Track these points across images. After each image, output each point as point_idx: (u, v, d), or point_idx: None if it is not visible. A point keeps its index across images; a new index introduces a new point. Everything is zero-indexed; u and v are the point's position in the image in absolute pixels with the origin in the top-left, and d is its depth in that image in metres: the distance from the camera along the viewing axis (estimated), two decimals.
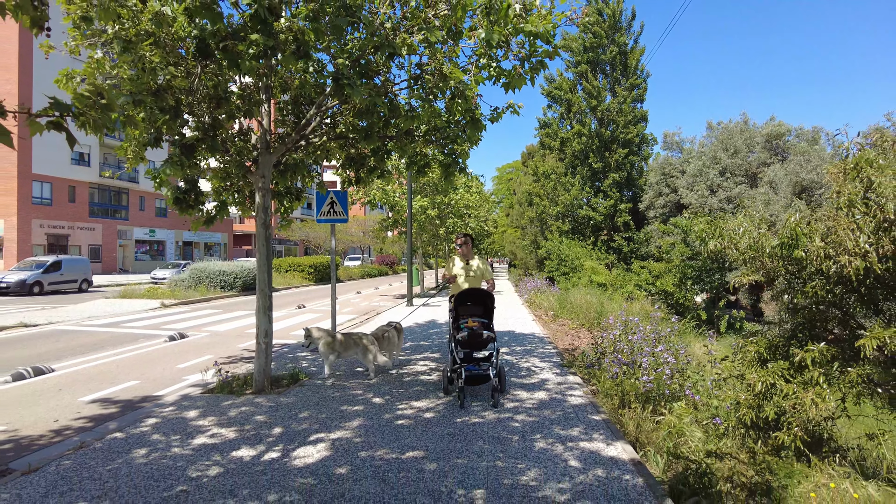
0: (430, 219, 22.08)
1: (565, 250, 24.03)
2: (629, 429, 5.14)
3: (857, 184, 3.84)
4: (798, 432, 4.26)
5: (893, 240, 3.49)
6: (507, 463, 4.24)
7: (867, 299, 4.07)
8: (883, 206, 3.53)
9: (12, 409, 6.32)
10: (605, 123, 27.15)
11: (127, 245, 47.80)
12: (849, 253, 3.60)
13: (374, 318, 14.89)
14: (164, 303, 18.40)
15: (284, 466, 4.24)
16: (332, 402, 6.18)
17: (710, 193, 20.37)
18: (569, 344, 10.59)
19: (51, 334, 12.02)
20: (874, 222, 3.58)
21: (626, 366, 6.24)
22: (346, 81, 4.76)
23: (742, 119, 22.17)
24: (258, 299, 6.85)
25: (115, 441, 4.92)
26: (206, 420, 5.51)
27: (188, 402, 6.22)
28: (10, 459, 4.75)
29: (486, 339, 6.17)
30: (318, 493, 3.73)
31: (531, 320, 14.15)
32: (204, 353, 9.87)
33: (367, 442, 4.78)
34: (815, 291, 4.31)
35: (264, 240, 6.78)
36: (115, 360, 9.21)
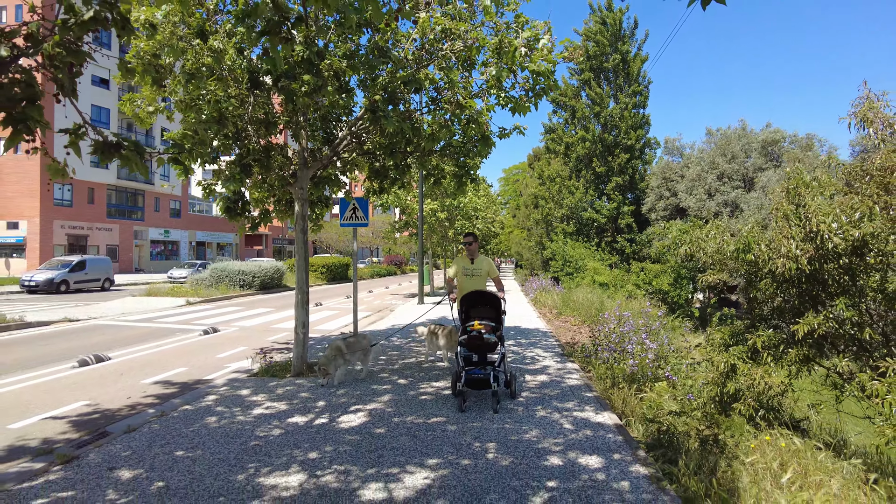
0: (439, 221, 23.10)
1: (569, 251, 25.01)
2: (616, 404, 6.11)
3: (791, 202, 4.81)
4: (752, 403, 5.24)
5: (816, 247, 4.45)
6: (513, 426, 5.23)
7: (803, 293, 5.03)
8: (809, 219, 4.49)
9: (89, 389, 7.36)
10: (609, 129, 28.10)
11: (142, 245, 49.09)
12: (784, 256, 4.57)
13: (387, 316, 15.91)
14: (189, 300, 19.50)
15: (333, 428, 5.25)
16: (364, 383, 7.19)
17: (709, 197, 21.27)
18: (570, 338, 11.55)
19: (94, 328, 13.10)
20: (803, 232, 4.54)
21: (616, 353, 7.21)
22: (382, 113, 5.76)
23: (740, 125, 23.09)
24: (297, 295, 7.87)
25: (187, 412, 5.94)
26: (259, 396, 6.53)
27: (238, 384, 7.25)
28: (103, 425, 5.78)
29: (492, 343, 5.94)
30: (364, 446, 4.74)
31: (536, 317, 15.12)
32: (237, 346, 10.90)
33: (397, 411, 5.79)
34: (766, 287, 5.28)
35: (303, 244, 7.79)
36: (161, 351, 10.25)
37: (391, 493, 3.78)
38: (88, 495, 3.83)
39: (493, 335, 5.92)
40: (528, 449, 4.60)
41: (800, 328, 4.66)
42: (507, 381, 6.24)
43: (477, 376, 5.81)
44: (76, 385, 7.57)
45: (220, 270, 23.61)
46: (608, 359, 7.22)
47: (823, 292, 4.93)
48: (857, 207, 4.48)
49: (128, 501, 3.71)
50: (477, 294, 6.27)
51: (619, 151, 27.74)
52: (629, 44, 28.26)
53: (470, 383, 5.83)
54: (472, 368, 5.92)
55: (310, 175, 7.73)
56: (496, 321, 6.11)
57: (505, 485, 3.89)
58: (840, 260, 4.62)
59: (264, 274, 24.48)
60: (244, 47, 6.52)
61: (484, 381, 5.79)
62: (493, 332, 5.94)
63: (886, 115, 5.02)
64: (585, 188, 28.41)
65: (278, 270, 26.02)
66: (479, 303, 6.23)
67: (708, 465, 4.19)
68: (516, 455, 4.46)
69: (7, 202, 38.31)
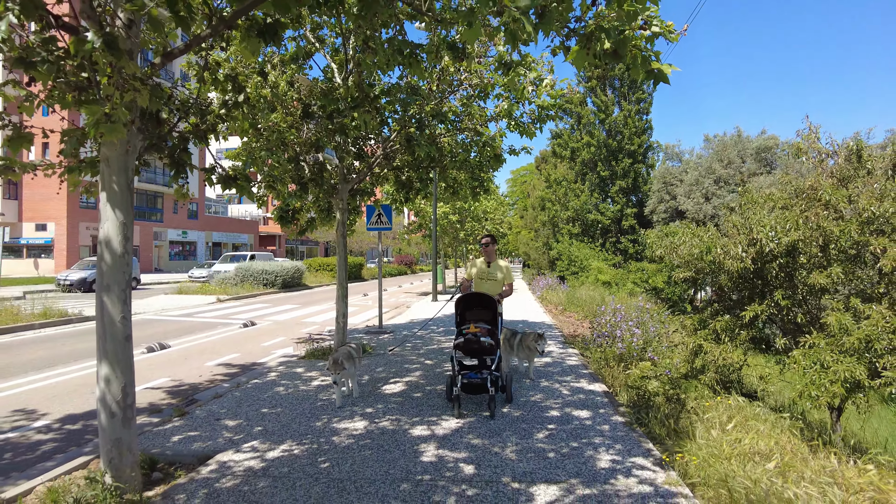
0: (451, 223, 24.49)
1: (575, 252, 26.33)
2: (607, 378, 7.44)
3: (739, 215, 6.13)
4: (714, 375, 6.57)
5: (757, 251, 5.78)
6: (521, 392, 6.58)
7: (752, 286, 6.36)
8: (752, 229, 5.82)
9: (165, 369, 8.78)
10: (613, 134, 29.37)
11: (161, 246, 50.78)
12: (732, 258, 5.90)
13: (404, 312, 17.29)
14: (219, 298, 20.97)
15: (379, 393, 6.63)
16: (397, 363, 8.57)
17: (706, 201, 22.50)
18: (573, 331, 12.88)
19: (144, 322, 14.56)
20: (747, 239, 5.87)
21: (609, 339, 8.55)
22: (416, 142, 7.14)
23: (736, 132, 24.31)
24: (338, 289, 9.23)
25: (257, 384, 7.34)
26: (312, 373, 7.92)
27: (290, 364, 8.64)
28: (192, 394, 7.18)
29: (488, 346, 5.70)
30: (407, 404, 6.11)
31: (542, 312, 16.46)
32: (276, 336, 12.30)
33: (428, 382, 7.17)
34: (724, 283, 6.61)
35: (343, 247, 9.17)
36: (211, 340, 11.67)
37: (433, 432, 5.14)
38: (210, 433, 5.22)
39: (489, 338, 5.73)
40: (534, 406, 5.96)
41: (747, 314, 6.00)
42: (504, 385, 6.09)
43: (473, 381, 5.60)
44: (153, 366, 8.99)
45: (244, 270, 25.09)
46: (602, 343, 8.56)
47: (766, 286, 6.25)
48: (788, 219, 5.80)
49: (241, 437, 5.10)
50: (472, 296, 6.14)
51: (623, 156, 29.01)
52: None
53: (466, 388, 5.63)
54: (467, 372, 5.68)
55: (348, 188, 9.11)
56: (492, 323, 5.95)
57: (517, 427, 5.26)
58: (777, 260, 5.95)
59: (286, 273, 25.94)
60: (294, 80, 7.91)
61: (480, 386, 5.60)
62: (489, 334, 5.77)
63: (820, 145, 6.32)
64: (590, 191, 29.70)
65: (298, 270, 27.48)
66: (474, 304, 6.10)
67: (672, 417, 5.53)
68: (525, 410, 5.83)
69: (36, 205, 40.08)
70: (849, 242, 5.64)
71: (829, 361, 5.04)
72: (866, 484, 3.82)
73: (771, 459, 4.39)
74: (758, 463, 4.30)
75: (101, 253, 4.00)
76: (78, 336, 11.95)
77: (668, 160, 28.85)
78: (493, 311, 6.03)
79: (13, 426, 5.81)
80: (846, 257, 5.73)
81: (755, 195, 6.24)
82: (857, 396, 4.96)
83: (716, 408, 5.72)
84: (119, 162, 3.96)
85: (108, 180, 3.94)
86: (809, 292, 5.89)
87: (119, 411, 3.94)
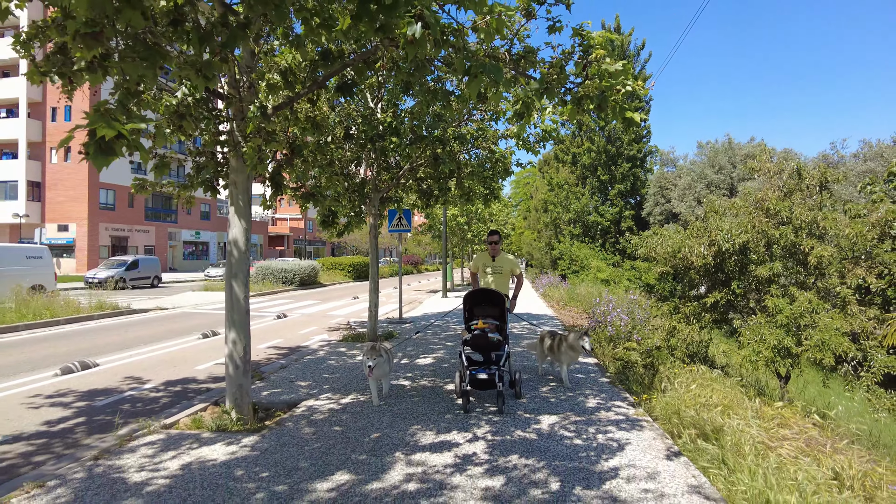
0: (459, 225, 26.05)
1: (575, 252, 27.91)
2: (599, 355, 8.99)
3: (702, 221, 7.70)
4: (684, 350, 8.12)
5: (716, 250, 7.33)
6: (530, 361, 8.15)
7: (714, 278, 7.92)
8: (710, 231, 7.38)
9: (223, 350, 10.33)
10: (612, 140, 30.91)
11: (175, 246, 52.45)
12: (696, 255, 7.46)
13: (418, 307, 18.86)
14: None
15: (415, 364, 8.20)
16: (422, 344, 10.14)
17: (697, 204, 24.00)
18: (572, 322, 14.44)
19: (185, 315, 16.15)
20: (708, 241, 7.43)
21: (601, 324, 10.10)
22: (441, 160, 8.70)
23: (727, 139, 25.84)
24: (370, 283, 10.80)
25: (311, 359, 8.91)
26: (354, 352, 9.49)
27: (332, 346, 10.21)
28: (257, 368, 8.74)
29: (496, 342, 5.80)
30: (438, 371, 7.68)
31: (545, 307, 18.03)
32: (309, 326, 13.87)
33: (452, 357, 8.75)
34: (693, 275, 8.17)
35: (375, 248, 10.73)
36: (253, 329, 13.19)
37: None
38: (290, 389, 6.79)
39: (497, 334, 5.82)
40: (534, 362, 7.54)
41: (709, 300, 7.56)
42: (513, 380, 6.21)
43: (481, 376, 5.66)
44: (211, 349, 10.56)
45: (264, 269, 26.70)
46: (596, 328, 10.12)
47: (725, 278, 7.81)
48: (741, 225, 7.37)
49: (315, 391, 6.67)
50: (481, 292, 6.26)
51: (622, 161, 30.56)
52: (633, 63, 31.06)
53: (474, 383, 5.68)
54: (476, 368, 5.76)
55: (379, 197, 10.68)
56: (500, 319, 6.04)
57: (525, 384, 6.82)
58: (732, 257, 7.51)
59: (303, 272, 27.55)
60: (336, 104, 9.48)
61: (489, 382, 5.64)
62: (497, 330, 5.86)
63: (769, 165, 7.88)
64: (591, 194, 31.26)
65: (314, 269, 29.08)
66: (483, 301, 6.20)
67: (647, 378, 7.09)
68: (530, 373, 7.40)
69: (58, 206, 41.75)
70: (787, 243, 7.19)
71: (766, 334, 6.59)
72: (776, 414, 5.37)
73: (718, 406, 5.94)
74: (706, 406, 5.85)
75: (229, 250, 5.56)
76: (136, 325, 13.55)
77: (664, 166, 30.44)
78: (502, 307, 6.11)
79: (129, 388, 7.39)
80: (785, 254, 7.29)
81: (716, 205, 7.80)
82: (787, 360, 6.51)
83: (683, 374, 7.28)
84: (243, 185, 5.53)
85: (236, 198, 5.51)
86: (758, 282, 7.44)
87: (241, 364, 5.51)
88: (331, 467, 4.24)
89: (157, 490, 3.86)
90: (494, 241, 6.94)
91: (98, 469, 4.24)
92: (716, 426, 5.09)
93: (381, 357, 5.88)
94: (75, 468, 4.26)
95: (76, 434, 5.48)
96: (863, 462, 4.47)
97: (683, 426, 5.26)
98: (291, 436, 5.04)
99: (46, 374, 7.99)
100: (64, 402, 6.59)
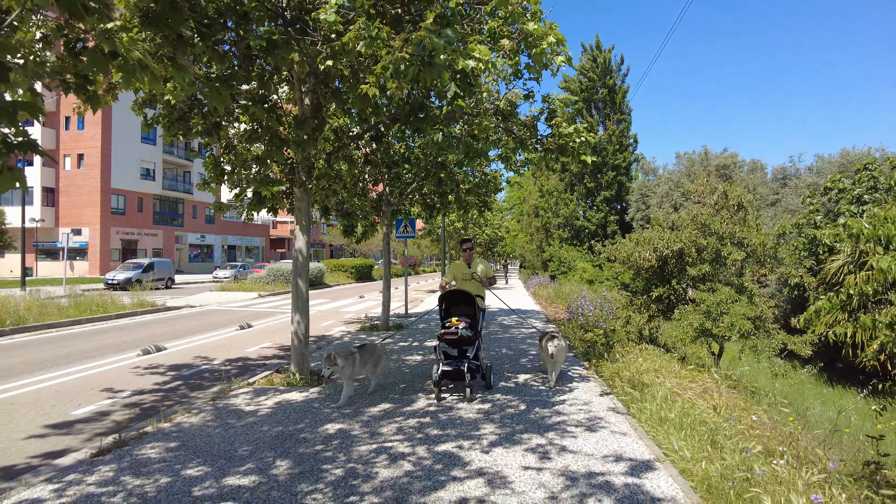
0: (456, 229, 28.21)
1: (564, 254, 30.13)
2: (571, 338, 11.13)
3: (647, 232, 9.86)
4: (637, 334, 10.27)
5: (658, 256, 9.48)
6: (514, 342, 10.28)
7: (659, 277, 10.07)
8: (653, 241, 9.53)
9: (262, 339, 12.43)
10: (598, 151, 33.14)
11: (182, 249, 54.36)
12: (643, 259, 9.61)
13: (419, 305, 20.97)
14: (260, 294, 24.62)
15: (422, 346, 10.31)
16: (430, 331, 12.26)
17: (674, 210, 26.21)
18: (555, 315, 16.59)
19: (213, 311, 18.21)
20: (651, 247, 9.58)
21: (575, 315, 12.25)
22: (444, 182, 10.84)
23: (703, 150, 28.12)
24: (383, 282, 12.93)
25: (340, 342, 11.01)
26: (373, 337, 11.60)
27: (353, 334, 12.32)
28: None
29: (467, 338, 6.36)
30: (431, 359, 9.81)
31: (534, 303, 20.20)
32: (327, 320, 15.96)
33: None
34: (646, 275, 10.33)
35: (387, 252, 12.87)
36: (279, 323, 15.32)
37: None
38: None
39: (469, 331, 6.38)
40: (519, 345, 9.68)
41: (654, 293, 9.72)
42: (483, 373, 6.84)
43: (452, 368, 6.30)
44: (249, 339, 12.63)
45: (275, 270, 28.77)
46: (571, 319, 12.28)
47: (667, 276, 9.97)
48: (678, 235, 9.54)
49: None
50: (457, 293, 6.78)
51: (607, 170, 32.80)
52: (615, 78, 33.36)
53: (446, 375, 6.33)
54: (449, 361, 6.41)
55: (391, 210, 12.81)
56: (472, 318, 6.61)
57: (509, 356, 8.96)
58: (672, 260, 9.67)
59: (311, 274, 29.62)
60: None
61: (458, 373, 6.31)
62: (469, 328, 6.42)
63: (705, 188, 10.04)
64: (578, 200, 33.48)
65: (321, 270, 31.16)
66: (458, 301, 6.75)
67: (604, 353, 9.22)
68: (510, 349, 9.54)
69: (72, 211, 43.65)
70: (713, 249, 9.36)
71: (693, 319, 8.76)
72: (687, 373, 7.52)
73: (650, 371, 8.08)
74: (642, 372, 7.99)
75: (295, 256, 7.65)
76: (176, 319, 15.63)
77: (646, 175, 32.72)
78: (475, 307, 6.68)
79: (202, 364, 9.47)
80: (712, 258, 9.46)
81: (661, 220, 9.96)
82: (708, 339, 8.67)
83: (633, 352, 9.42)
84: (305, 210, 7.63)
85: (300, 218, 7.61)
86: (693, 280, 9.61)
87: (303, 338, 7.61)
88: (377, 400, 6.37)
89: (265, 413, 5.98)
90: (468, 248, 7.54)
91: (220, 405, 6.35)
92: (642, 381, 7.23)
93: (336, 366, 6.09)
94: (205, 404, 6.37)
95: (182, 390, 7.58)
96: (732, 399, 6.63)
97: (621, 381, 7.40)
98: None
99: (130, 355, 10.06)
100: (159, 372, 8.69)
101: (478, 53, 4.21)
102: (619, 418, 5.74)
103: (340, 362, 6.08)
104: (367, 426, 5.47)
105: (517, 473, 4.18)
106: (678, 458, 4.51)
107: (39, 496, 3.86)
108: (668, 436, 5.01)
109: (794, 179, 23.32)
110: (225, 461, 4.50)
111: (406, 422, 5.58)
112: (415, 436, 5.12)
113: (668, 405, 5.97)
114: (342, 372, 6.14)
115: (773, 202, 22.84)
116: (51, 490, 3.96)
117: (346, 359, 6.17)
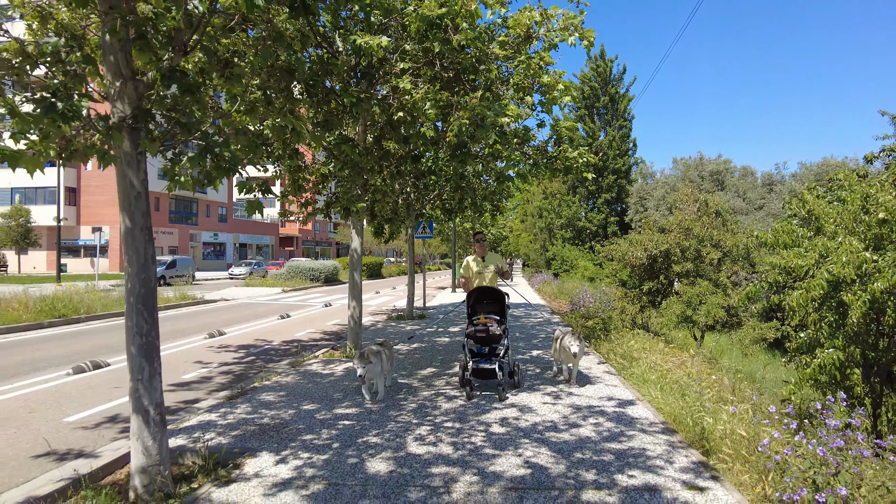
0: (465, 229, 29.98)
1: (566, 253, 31.94)
2: (574, 326, 12.88)
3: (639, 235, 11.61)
4: (630, 321, 12.05)
5: (647, 255, 11.23)
6: (525, 328, 12.05)
7: (648, 273, 11.83)
8: (643, 242, 11.29)
9: (303, 326, 14.19)
10: (598, 152, 34.94)
11: (196, 247, 56.13)
12: (635, 258, 11.36)
13: (431, 300, 22.73)
14: (283, 289, 26.41)
15: (446, 332, 12.08)
16: (449, 321, 14.03)
17: (670, 213, 27.99)
18: (559, 308, 18.35)
19: (246, 304, 19.98)
20: (642, 248, 11.33)
21: (577, 307, 14.02)
22: (465, 190, 12.60)
23: (698, 156, 29.87)
24: (408, 277, 14.71)
25: (376, 328, 12.77)
26: (402, 324, 13.36)
27: (383, 323, 14.08)
28: (339, 335, 12.60)
29: (497, 335, 6.25)
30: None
31: (539, 298, 21.99)
32: None
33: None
34: (638, 271, 12.10)
35: (412, 251, 14.65)
36: (310, 314, 17.09)
37: None
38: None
39: (497, 327, 6.28)
40: (530, 330, 11.44)
41: (645, 286, 11.49)
42: (512, 371, 6.76)
43: (483, 367, 6.15)
44: (294, 325, 14.39)
45: (294, 267, 30.57)
46: (573, 310, 14.06)
47: (656, 272, 11.73)
48: (665, 237, 11.31)
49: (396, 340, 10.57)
50: (484, 290, 6.71)
51: (608, 173, 34.56)
52: (618, 86, 35.12)
53: (476, 373, 6.22)
54: (478, 359, 6.26)
55: (415, 214, 14.57)
56: (501, 314, 6.51)
57: (518, 337, 10.73)
58: (659, 259, 11.43)
59: (328, 270, 31.48)
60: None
61: (490, 372, 6.14)
62: (497, 325, 6.31)
63: (687, 195, 11.81)
64: (580, 202, 35.24)
65: (336, 268, 32.98)
66: (485, 298, 6.66)
67: (602, 335, 10.98)
68: (523, 332, 11.31)
69: (94, 209, 45.47)
70: (693, 249, 11.12)
71: (675, 308, 10.53)
72: (670, 350, 9.28)
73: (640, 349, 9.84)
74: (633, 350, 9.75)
75: (351, 253, 9.41)
76: (218, 311, 17.42)
77: (645, 178, 34.50)
78: (502, 303, 6.60)
79: (264, 344, 11.24)
80: (694, 257, 11.21)
81: (652, 224, 11.73)
82: (688, 324, 10.43)
83: (627, 335, 11.19)
84: (359, 224, 9.38)
85: (355, 223, 9.37)
86: (677, 276, 11.36)
87: (357, 320, 9.38)
88: (424, 365, 8.15)
89: (340, 374, 7.75)
90: (480, 240, 7.44)
91: (301, 370, 8.13)
92: (632, 355, 9.01)
93: (370, 363, 5.99)
94: (288, 370, 8.14)
95: (258, 363, 9.35)
96: (704, 369, 8.40)
97: (615, 356, 9.17)
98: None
99: (199, 338, 11.83)
100: (232, 350, 10.47)
101: (510, 111, 5.99)
102: (612, 378, 7.53)
103: (374, 360, 6.03)
104: (424, 381, 7.26)
105: (538, 407, 5.96)
106: (653, 399, 6.29)
107: (209, 419, 5.63)
108: (648, 390, 6.77)
109: (780, 185, 25.06)
110: (328, 401, 6.28)
111: (452, 379, 7.35)
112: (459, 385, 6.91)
113: (650, 371, 7.74)
114: (373, 370, 6.05)
115: (760, 206, 24.57)
116: (215, 416, 5.73)
117: (376, 356, 6.14)
